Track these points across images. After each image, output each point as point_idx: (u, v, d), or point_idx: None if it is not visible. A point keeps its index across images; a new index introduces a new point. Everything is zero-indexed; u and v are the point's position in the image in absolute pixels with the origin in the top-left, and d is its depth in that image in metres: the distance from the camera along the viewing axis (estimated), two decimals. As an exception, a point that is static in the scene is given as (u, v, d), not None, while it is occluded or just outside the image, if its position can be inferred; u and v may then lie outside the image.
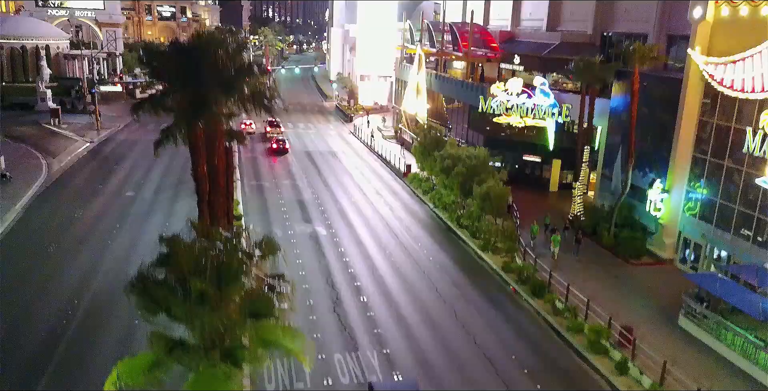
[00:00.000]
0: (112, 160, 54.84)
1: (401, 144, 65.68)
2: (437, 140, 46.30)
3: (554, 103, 43.31)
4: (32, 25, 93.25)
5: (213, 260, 12.54)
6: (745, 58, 28.10)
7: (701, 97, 31.80)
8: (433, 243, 37.38)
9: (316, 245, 35.92)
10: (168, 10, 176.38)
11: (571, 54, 45.28)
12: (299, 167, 54.98)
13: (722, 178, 30.67)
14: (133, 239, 35.50)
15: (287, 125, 74.27)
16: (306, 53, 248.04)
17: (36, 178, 47.00)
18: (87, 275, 30.27)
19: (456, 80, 53.98)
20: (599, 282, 31.60)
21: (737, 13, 29.55)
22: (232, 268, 12.79)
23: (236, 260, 13.15)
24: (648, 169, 36.04)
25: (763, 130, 25.81)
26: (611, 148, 40.17)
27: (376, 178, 52.69)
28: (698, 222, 32.48)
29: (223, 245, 13.35)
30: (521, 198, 43.94)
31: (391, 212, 43.18)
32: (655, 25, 39.03)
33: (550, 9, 51.62)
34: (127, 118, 74.94)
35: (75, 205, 41.65)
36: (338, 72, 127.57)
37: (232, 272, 12.71)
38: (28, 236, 35.64)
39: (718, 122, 30.89)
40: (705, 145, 31.87)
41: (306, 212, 42.08)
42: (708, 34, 31.20)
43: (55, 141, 60.94)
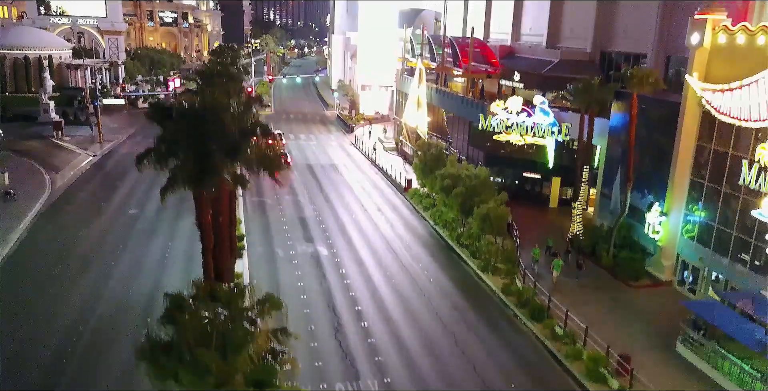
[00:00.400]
0: (115, 175, 55.19)
1: (402, 156, 66.03)
2: (437, 158, 46.62)
3: (554, 122, 43.60)
4: (35, 35, 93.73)
5: (218, 328, 12.81)
6: (741, 86, 28.39)
7: (699, 122, 32.10)
8: (433, 263, 37.68)
9: (317, 266, 36.24)
10: (170, 15, 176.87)
11: (570, 72, 45.69)
12: (301, 181, 55.32)
13: (719, 204, 30.94)
14: (137, 261, 35.83)
15: (289, 137, 74.69)
16: (307, 57, 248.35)
17: (40, 195, 47.36)
18: (91, 302, 30.57)
19: (456, 96, 54.26)
20: (598, 305, 31.89)
21: (734, 41, 29.85)
22: (238, 337, 13.08)
23: (241, 330, 13.44)
24: (647, 190, 36.34)
25: (758, 163, 26.11)
26: (610, 167, 40.47)
27: (377, 192, 53.02)
28: (696, 245, 32.77)
29: (227, 308, 13.61)
30: (521, 214, 44.31)
31: (392, 229, 43.50)
32: (654, 45, 39.34)
33: (550, 25, 51.93)
34: (129, 129, 75.93)
35: (79, 224, 42.01)
36: (339, 79, 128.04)
37: (237, 342, 12.99)
38: (33, 258, 35.98)
39: (715, 148, 31.19)
40: (703, 169, 32.17)
41: (307, 230, 42.41)
42: (705, 61, 31.49)
43: (58, 155, 61.33)
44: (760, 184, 26.31)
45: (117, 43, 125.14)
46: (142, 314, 29.03)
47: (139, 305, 29.96)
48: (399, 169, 58.80)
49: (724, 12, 31.15)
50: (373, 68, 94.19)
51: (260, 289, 17.47)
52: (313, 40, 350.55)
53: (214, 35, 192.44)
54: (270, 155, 19.10)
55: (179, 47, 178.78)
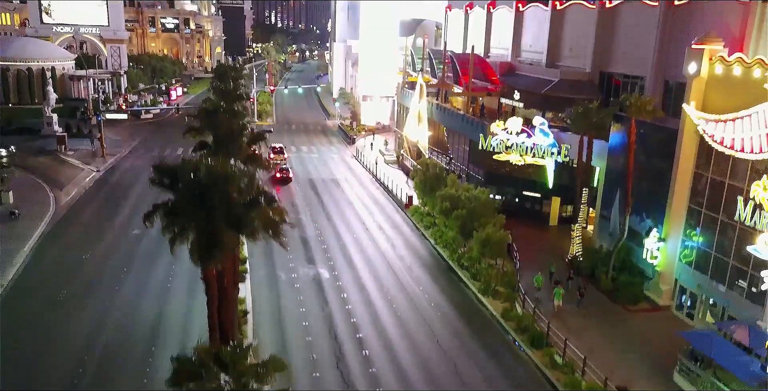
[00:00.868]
0: (118, 191, 55.61)
1: (403, 170, 66.45)
2: (437, 177, 47.04)
3: (553, 143, 43.96)
4: (38, 46, 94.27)
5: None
6: (738, 118, 28.74)
7: (696, 150, 32.44)
8: (434, 285, 38.06)
9: (319, 290, 36.62)
10: (171, 21, 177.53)
11: (570, 92, 46.16)
12: (302, 198, 55.74)
13: (717, 232, 31.27)
14: (141, 286, 36.16)
15: (290, 149, 75.11)
16: (309, 62, 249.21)
17: (44, 215, 47.83)
18: (96, 330, 30.94)
19: (457, 114, 54.63)
20: (598, 331, 32.25)
21: (731, 72, 30.20)
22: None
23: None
24: (645, 214, 36.69)
25: (753, 201, 26.47)
26: (610, 189, 40.78)
27: (378, 209, 53.39)
28: (694, 272, 33.11)
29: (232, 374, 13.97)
30: (521, 233, 44.73)
31: (393, 249, 43.88)
32: (652, 69, 39.67)
33: (550, 43, 52.27)
34: (131, 142, 76.39)
35: (83, 245, 42.41)
36: (341, 87, 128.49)
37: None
38: (38, 283, 36.39)
39: (712, 176, 31.53)
40: (700, 197, 32.51)
41: (309, 251, 42.79)
42: (703, 90, 31.84)
43: (61, 170, 61.81)
44: (755, 221, 26.68)
45: (119, 52, 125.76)
46: (147, 345, 29.52)
47: (143, 336, 30.39)
48: (400, 183, 59.27)
49: (721, 42, 31.51)
50: (374, 79, 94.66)
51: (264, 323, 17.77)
52: (315, 42, 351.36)
53: (215, 40, 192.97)
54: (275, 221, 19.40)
55: (181, 53, 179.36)
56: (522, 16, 57.94)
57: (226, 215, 17.70)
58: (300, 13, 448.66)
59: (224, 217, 17.71)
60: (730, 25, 33.58)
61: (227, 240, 17.86)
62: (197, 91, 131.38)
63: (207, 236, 17.75)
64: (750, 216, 27.00)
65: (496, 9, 63.95)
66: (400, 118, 72.84)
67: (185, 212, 18.31)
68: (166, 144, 75.99)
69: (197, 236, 18.16)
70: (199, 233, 18.05)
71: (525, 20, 57.64)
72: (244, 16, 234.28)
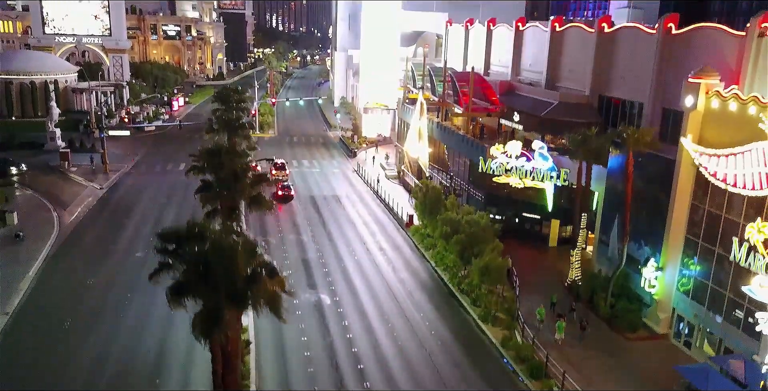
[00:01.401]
0: (121, 210, 56.00)
1: (404, 186, 66.86)
2: (437, 199, 47.46)
3: (552, 167, 44.38)
4: (41, 59, 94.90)
5: None
6: (733, 154, 29.13)
7: (693, 182, 32.82)
8: (434, 311, 38.42)
9: (320, 317, 37.00)
10: (173, 29, 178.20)
11: (569, 115, 46.55)
12: (304, 217, 56.15)
13: (713, 264, 31.65)
14: (144, 314, 36.42)
15: (292, 164, 75.52)
16: (310, 67, 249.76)
17: (48, 236, 48.24)
18: (100, 362, 31.31)
19: (457, 134, 54.99)
20: (596, 361, 32.64)
21: (726, 107, 30.59)
22: None
23: None
24: (643, 242, 37.09)
25: (748, 242, 26.84)
26: (608, 214, 41.19)
27: (379, 229, 53.77)
28: (691, 302, 33.48)
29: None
30: (521, 255, 45.23)
31: (394, 272, 44.27)
32: (650, 96, 40.02)
33: (549, 64, 52.69)
34: (134, 156, 76.76)
35: (87, 269, 42.80)
36: (342, 96, 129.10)
37: None
38: (43, 310, 36.74)
39: (709, 209, 31.92)
40: (697, 228, 32.89)
41: (311, 274, 43.18)
42: (699, 123, 32.22)
43: (65, 188, 62.28)
44: (749, 263, 27.06)
45: (121, 62, 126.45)
46: (151, 377, 29.95)
47: (147, 367, 30.82)
48: (401, 200, 59.65)
49: (717, 76, 31.91)
50: (375, 91, 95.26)
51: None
52: (316, 46, 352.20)
53: (217, 47, 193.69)
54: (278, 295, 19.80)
55: (182, 60, 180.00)
56: (522, 35, 58.42)
57: (228, 291, 18.12)
58: (301, 16, 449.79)
59: (227, 294, 18.13)
60: (727, 57, 33.96)
61: (230, 317, 18.26)
62: (199, 100, 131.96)
63: (209, 313, 18.16)
64: (745, 257, 27.39)
65: (496, 27, 64.53)
66: (401, 132, 73.23)
67: (190, 289, 18.70)
68: (168, 158, 76.53)
69: (200, 311, 18.56)
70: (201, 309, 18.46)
71: (525, 39, 58.11)
72: (245, 22, 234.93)
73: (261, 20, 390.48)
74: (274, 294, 19.56)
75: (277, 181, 65.54)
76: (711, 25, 35.63)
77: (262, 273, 19.67)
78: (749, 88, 32.20)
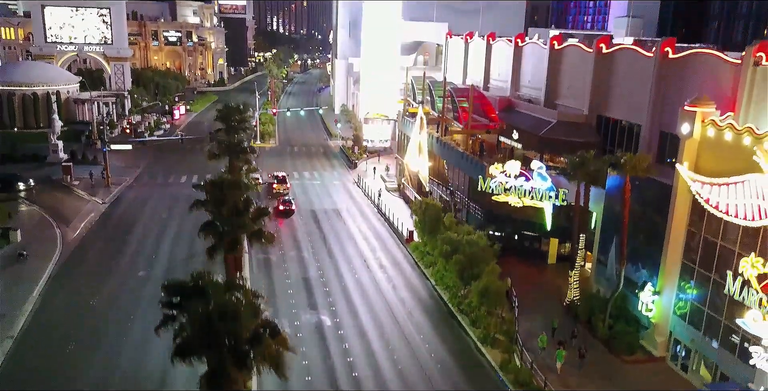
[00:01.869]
0: (123, 226, 56.38)
1: (404, 199, 67.28)
2: (436, 218, 47.87)
3: (551, 187, 44.76)
4: (43, 70, 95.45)
5: None
6: (728, 183, 29.51)
7: (689, 209, 33.19)
8: (434, 333, 38.80)
9: (321, 339, 37.41)
10: (174, 35, 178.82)
11: (568, 135, 47.00)
12: (305, 231, 56.57)
13: (709, 290, 32.02)
14: (147, 335, 36.54)
15: (293, 175, 75.94)
16: (310, 71, 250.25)
17: (51, 255, 48.64)
18: (104, 384, 31.80)
19: (457, 150, 55.34)
20: (594, 386, 33.01)
21: (722, 136, 30.95)
22: None
23: None
24: (641, 264, 37.45)
25: (742, 277, 27.21)
26: (606, 234, 41.52)
27: (379, 244, 54.14)
28: (687, 326, 33.85)
29: None
30: (520, 272, 45.68)
31: (394, 291, 44.64)
32: (648, 118, 40.45)
33: (548, 81, 53.11)
34: (135, 169, 77.18)
35: (90, 288, 43.21)
36: (342, 103, 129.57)
37: None
38: (47, 333, 37.16)
39: (705, 235, 32.29)
40: (693, 254, 33.27)
41: (311, 294, 43.57)
42: (695, 151, 32.59)
43: (67, 202, 62.71)
44: (743, 297, 27.42)
45: (123, 70, 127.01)
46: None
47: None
48: (402, 214, 60.01)
49: (713, 105, 32.30)
50: (375, 101, 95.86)
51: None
52: (316, 49, 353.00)
53: (217, 52, 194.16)
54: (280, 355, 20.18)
55: (183, 66, 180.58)
56: (521, 52, 58.87)
57: (232, 353, 18.52)
58: (301, 18, 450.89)
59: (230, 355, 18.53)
60: (723, 83, 34.38)
61: (234, 376, 18.68)
62: (200, 107, 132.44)
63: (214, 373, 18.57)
64: (739, 291, 27.76)
65: (495, 41, 64.94)
66: (402, 144, 73.59)
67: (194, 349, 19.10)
68: (170, 170, 77.03)
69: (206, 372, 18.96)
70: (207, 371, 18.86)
71: (524, 56, 58.56)
72: (246, 27, 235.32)
73: (262, 23, 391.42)
74: (276, 354, 19.95)
75: (278, 194, 66.22)
76: (707, 51, 36.04)
77: (265, 333, 20.07)
78: (744, 117, 32.62)
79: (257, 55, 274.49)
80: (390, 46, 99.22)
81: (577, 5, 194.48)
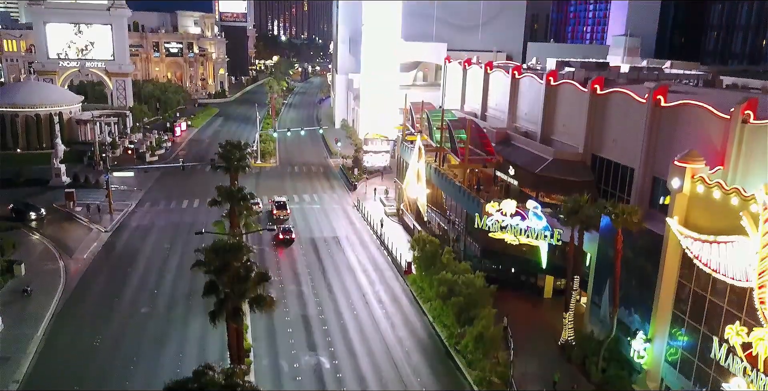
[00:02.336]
0: (126, 258, 57.06)
1: (403, 226, 68.06)
2: (434, 255, 48.66)
3: (546, 227, 45.47)
4: (46, 91, 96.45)
5: None
6: (717, 242, 30.23)
7: (680, 261, 33.89)
8: (431, 375, 39.51)
9: (319, 382, 38.17)
10: (175, 46, 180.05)
11: (563, 173, 47.77)
12: (305, 263, 57.30)
13: (699, 342, 32.72)
14: (150, 377, 37.58)
15: (293, 199, 76.80)
16: (311, 80, 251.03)
17: (55, 289, 49.45)
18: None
19: (455, 184, 56.00)
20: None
21: (711, 194, 31.67)
22: None
23: None
24: (633, 309, 38.19)
25: (727, 343, 27.93)
26: (600, 276, 42.21)
27: (378, 276, 54.86)
28: (678, 374, 34.57)
29: None
30: (516, 307, 46.50)
31: (392, 329, 45.33)
32: (641, 163, 41.15)
33: (544, 117, 53.85)
34: (138, 192, 77.93)
35: (94, 327, 43.95)
36: (343, 118, 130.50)
37: None
38: (51, 377, 37.88)
39: (695, 289, 33.02)
40: (684, 305, 33.99)
41: (311, 333, 44.31)
42: (685, 206, 33.28)
43: (70, 231, 63.55)
44: (728, 364, 28.14)
45: (124, 85, 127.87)
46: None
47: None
48: (400, 241, 60.76)
49: (702, 161, 33.01)
50: (375, 120, 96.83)
51: None
52: (317, 54, 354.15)
53: (218, 62, 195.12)
54: None
55: (184, 76, 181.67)
56: (518, 84, 59.62)
57: None
58: (302, 22, 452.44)
59: None
60: (713, 136, 35.11)
61: None
62: (201, 122, 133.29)
63: None
64: (724, 358, 28.48)
65: (492, 71, 65.73)
66: (401, 168, 74.27)
67: None
68: (171, 194, 77.79)
69: None
70: None
71: (521, 88, 59.35)
72: (246, 37, 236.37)
73: (263, 27, 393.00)
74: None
75: (278, 220, 67.19)
76: (698, 103, 36.70)
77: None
78: (733, 172, 33.38)
79: (258, 63, 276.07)
80: (389, 67, 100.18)
81: (576, 16, 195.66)
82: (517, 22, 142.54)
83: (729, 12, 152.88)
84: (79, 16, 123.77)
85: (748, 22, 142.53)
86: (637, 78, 68.00)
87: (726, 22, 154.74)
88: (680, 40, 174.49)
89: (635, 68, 70.23)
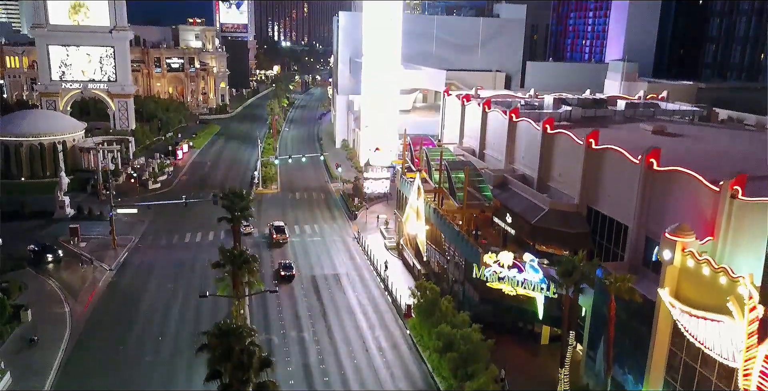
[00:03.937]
0: (130, 302, 57.78)
1: (402, 262, 69.02)
2: (434, 302, 49.59)
3: (543, 279, 46.39)
4: (50, 120, 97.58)
5: None
6: (706, 318, 31.14)
7: (671, 331, 34.81)
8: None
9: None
10: (176, 61, 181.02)
11: (559, 224, 48.69)
12: (305, 305, 58.18)
13: (690, 411, 33.70)
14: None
15: (294, 230, 77.80)
16: (311, 91, 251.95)
17: (61, 338, 50.37)
18: None
19: (453, 229, 56.94)
20: None
21: (701, 269, 32.58)
22: None
23: None
24: (627, 369, 39.10)
25: None
26: (596, 330, 43.14)
27: (378, 320, 55.72)
28: (671, 439, 35.53)
29: None
30: (514, 354, 47.50)
31: (392, 380, 46.27)
32: (634, 222, 42.09)
33: (541, 164, 54.77)
34: (141, 225, 78.89)
35: (99, 378, 44.88)
36: (343, 139, 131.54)
37: None
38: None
39: (685, 358, 33.94)
40: (675, 373, 34.92)
41: (311, 384, 45.24)
42: (676, 278, 34.19)
43: (75, 270, 64.45)
44: None
45: (126, 106, 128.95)
46: None
47: None
48: (400, 279, 61.67)
49: (693, 235, 33.93)
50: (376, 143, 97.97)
51: None
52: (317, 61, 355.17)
53: (220, 76, 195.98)
54: None
55: (186, 91, 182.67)
56: (515, 127, 60.54)
57: None
58: (302, 26, 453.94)
59: None
60: (703, 206, 36.06)
61: None
62: (203, 141, 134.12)
63: None
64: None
65: (490, 110, 66.67)
66: (400, 200, 75.14)
67: None
68: (174, 228, 78.51)
69: None
70: None
71: (518, 132, 60.24)
72: (247, 49, 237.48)
73: (263, 32, 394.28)
74: None
75: (278, 243, 71.12)
76: (689, 172, 37.60)
77: None
78: (723, 244, 34.35)
79: (259, 73, 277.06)
80: (389, 93, 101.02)
81: (575, 30, 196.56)
82: (516, 41, 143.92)
83: (727, 25, 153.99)
84: (81, 38, 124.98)
85: (746, 35, 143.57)
86: (633, 115, 69.26)
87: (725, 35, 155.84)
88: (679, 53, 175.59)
89: (631, 105, 71.25)
